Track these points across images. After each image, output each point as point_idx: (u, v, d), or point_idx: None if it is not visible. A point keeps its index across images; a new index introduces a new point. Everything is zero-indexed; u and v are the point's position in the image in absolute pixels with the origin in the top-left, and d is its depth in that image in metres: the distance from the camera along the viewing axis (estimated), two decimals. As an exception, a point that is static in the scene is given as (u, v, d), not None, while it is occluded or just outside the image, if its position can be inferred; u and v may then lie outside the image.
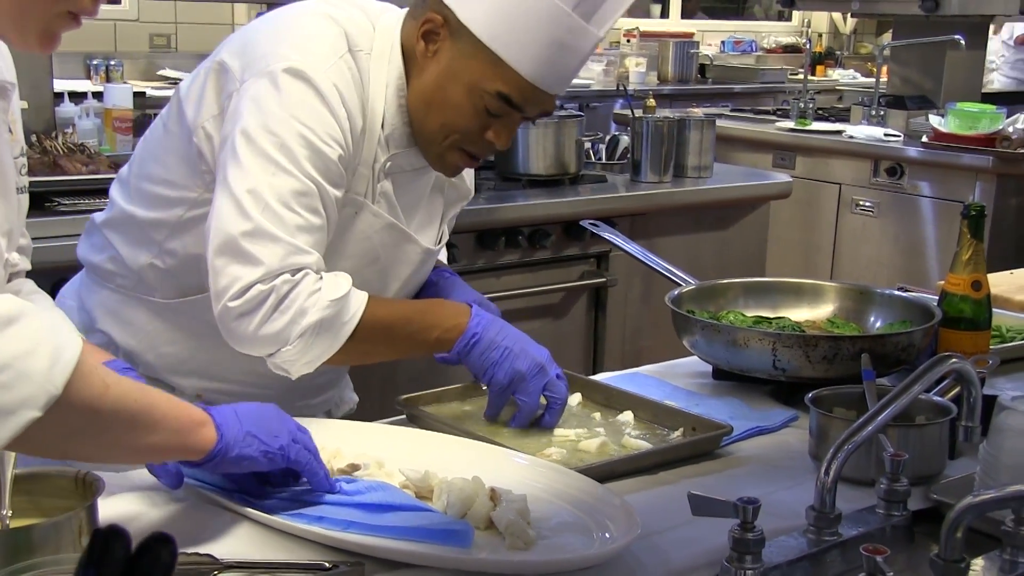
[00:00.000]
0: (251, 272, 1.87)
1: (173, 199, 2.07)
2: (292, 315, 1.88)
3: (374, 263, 2.11)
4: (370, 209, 2.07)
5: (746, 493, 1.47)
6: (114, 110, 4.00)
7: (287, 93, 1.91)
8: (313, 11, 2.03)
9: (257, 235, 1.87)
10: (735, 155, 5.95)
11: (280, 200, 1.89)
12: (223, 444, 1.54)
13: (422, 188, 2.19)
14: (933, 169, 5.42)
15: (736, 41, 10.65)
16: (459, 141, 2.05)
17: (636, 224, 4.12)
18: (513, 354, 2.02)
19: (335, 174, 1.96)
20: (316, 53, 1.96)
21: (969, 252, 2.20)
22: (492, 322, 2.06)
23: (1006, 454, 1.66)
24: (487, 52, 1.96)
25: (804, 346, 2.13)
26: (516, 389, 2.03)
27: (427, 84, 2.03)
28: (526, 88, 1.98)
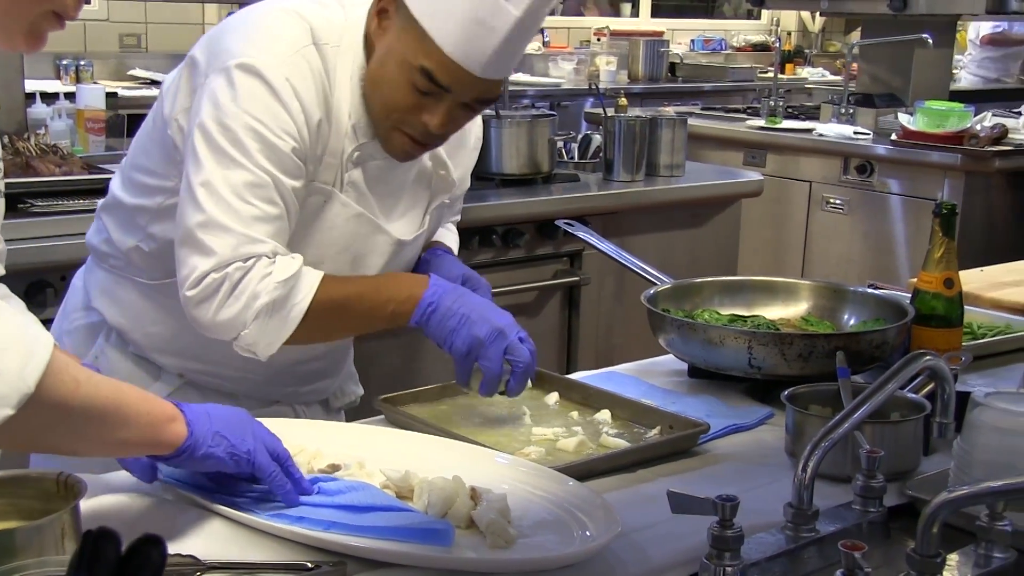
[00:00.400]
0: (205, 261, 1.95)
1: (154, 187, 2.14)
2: (245, 300, 1.95)
3: (344, 252, 2.14)
4: (339, 198, 2.10)
5: (724, 490, 1.48)
6: (87, 111, 3.99)
7: (240, 88, 1.97)
8: (280, 8, 2.08)
9: (210, 226, 1.95)
10: (706, 153, 5.98)
11: (234, 192, 1.95)
12: (192, 440, 1.56)
13: (400, 178, 2.20)
14: (902, 167, 5.46)
15: (706, 40, 10.68)
16: (399, 121, 2.06)
17: (609, 223, 4.14)
18: (471, 320, 2.03)
19: (290, 165, 2.00)
20: (272, 49, 2.00)
21: (941, 250, 2.22)
22: (450, 291, 2.07)
23: (980, 450, 1.67)
24: (417, 26, 1.97)
25: (779, 344, 2.14)
26: (477, 355, 2.03)
27: (374, 63, 2.06)
28: (449, 65, 1.97)
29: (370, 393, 2.17)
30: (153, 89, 6.49)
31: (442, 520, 1.61)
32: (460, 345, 2.03)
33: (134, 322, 2.25)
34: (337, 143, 2.08)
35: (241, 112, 1.96)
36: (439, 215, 2.34)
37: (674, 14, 11.13)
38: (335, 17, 2.08)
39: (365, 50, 2.08)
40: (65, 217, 3.13)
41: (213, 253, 1.94)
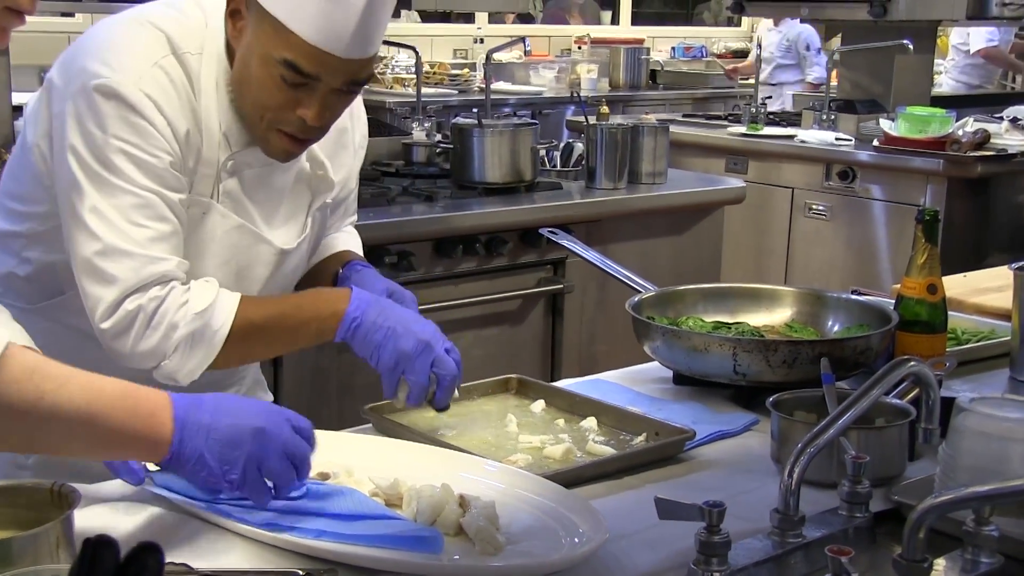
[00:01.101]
0: (109, 290, 1.90)
1: (24, 213, 2.08)
2: (164, 330, 1.92)
3: (226, 264, 2.07)
4: (217, 209, 2.05)
5: (710, 497, 1.49)
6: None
7: (102, 113, 1.91)
8: (132, 18, 2.00)
9: (108, 252, 1.90)
10: (688, 161, 6.00)
11: (123, 216, 1.91)
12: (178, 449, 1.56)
13: (279, 183, 2.14)
14: (884, 172, 5.48)
15: (686, 47, 10.72)
16: (274, 121, 1.98)
17: (592, 230, 4.15)
18: (396, 334, 1.99)
19: (170, 179, 1.95)
20: (126, 66, 1.92)
21: (924, 256, 2.23)
22: (372, 304, 2.03)
23: (964, 455, 1.69)
24: (270, 18, 1.90)
25: (764, 351, 2.16)
26: (404, 369, 1.98)
27: (237, 65, 1.99)
28: (311, 52, 1.90)
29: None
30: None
31: (431, 528, 1.62)
32: (387, 359, 1.99)
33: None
34: (210, 153, 2.02)
35: (110, 137, 1.90)
36: (322, 218, 2.26)
37: (654, 21, 11.19)
38: (194, 24, 2.01)
39: (228, 55, 2.01)
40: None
41: (116, 280, 1.90)
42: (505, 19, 10.20)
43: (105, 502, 1.69)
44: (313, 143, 2.09)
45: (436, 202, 3.96)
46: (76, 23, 6.96)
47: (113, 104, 1.90)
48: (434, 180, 4.26)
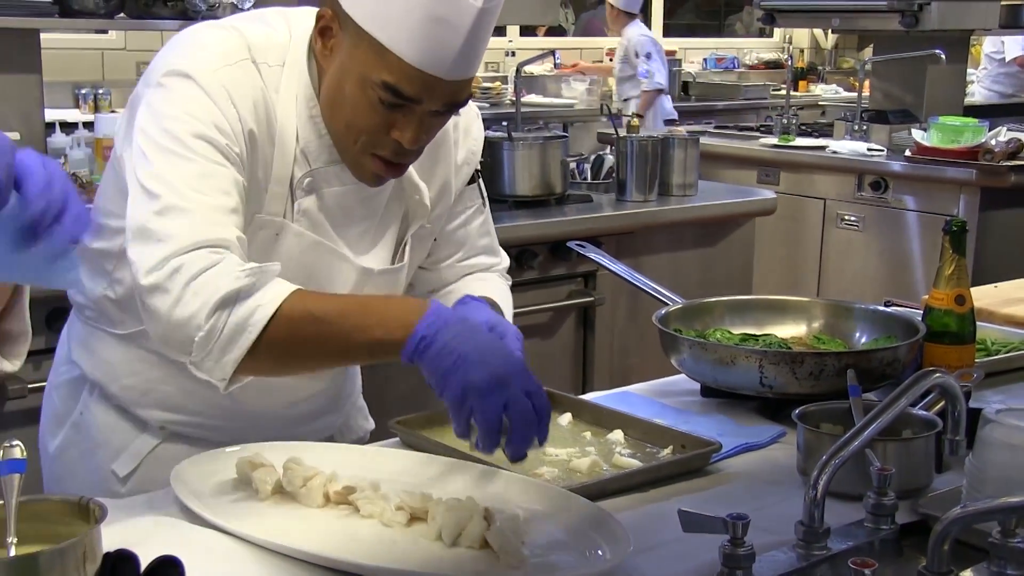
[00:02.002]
0: (161, 247, 1.77)
1: (114, 228, 1.99)
2: (207, 293, 1.75)
3: (307, 282, 1.89)
4: (291, 229, 1.97)
5: (735, 509, 1.49)
6: (105, 139, 4.01)
7: (172, 91, 1.87)
8: (216, 24, 1.98)
9: (166, 212, 1.79)
10: (719, 172, 5.99)
11: (185, 183, 1.81)
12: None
13: (366, 206, 2.05)
14: (917, 183, 5.47)
15: (718, 58, 10.72)
16: (368, 144, 1.91)
17: (622, 243, 4.15)
18: (468, 362, 1.70)
19: (233, 159, 1.86)
20: (203, 58, 1.89)
21: (952, 267, 2.23)
22: (451, 324, 1.75)
23: (991, 466, 1.68)
24: (369, 39, 1.82)
25: (790, 363, 2.15)
26: (472, 405, 1.70)
27: (328, 84, 1.92)
28: (413, 74, 1.82)
29: (385, 416, 2.17)
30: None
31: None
32: (453, 391, 1.71)
33: (110, 375, 2.13)
34: (283, 170, 1.94)
35: (179, 112, 1.85)
36: (421, 245, 2.15)
37: (686, 33, 11.18)
38: (278, 36, 1.96)
39: (313, 71, 1.96)
40: (83, 244, 3.15)
41: (170, 237, 1.77)
42: (536, 32, 10.21)
43: (132, 516, 1.71)
44: (406, 168, 1.99)
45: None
46: (110, 40, 7.02)
47: (185, 83, 1.86)
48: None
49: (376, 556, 1.61)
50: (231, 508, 1.72)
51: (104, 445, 2.14)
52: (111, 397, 2.14)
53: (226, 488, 1.81)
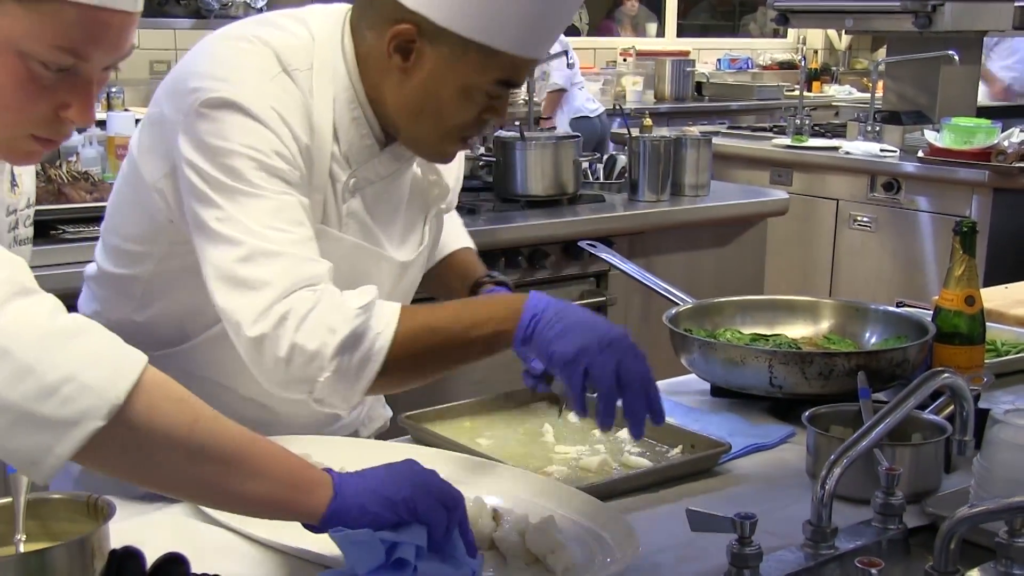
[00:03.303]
0: (260, 296, 1.73)
1: (141, 254, 2.00)
2: (321, 335, 1.72)
3: (347, 284, 1.85)
4: (331, 235, 1.94)
5: (744, 510, 1.49)
6: (117, 138, 4.02)
7: (222, 123, 1.80)
8: (237, 35, 1.92)
9: (251, 258, 1.75)
10: (732, 172, 5.99)
11: (259, 223, 1.78)
12: (338, 503, 1.46)
13: (399, 193, 2.08)
14: (930, 184, 5.46)
15: (732, 59, 10.72)
16: (461, 133, 1.96)
17: (634, 243, 4.15)
18: (578, 329, 1.76)
19: (297, 184, 1.84)
20: (241, 78, 1.84)
21: (962, 268, 2.23)
22: (552, 304, 1.80)
23: (999, 467, 1.68)
24: (476, 46, 1.85)
25: (800, 363, 2.16)
26: (588, 364, 1.73)
27: (414, 93, 1.90)
28: (520, 64, 1.90)
29: (396, 411, 2.18)
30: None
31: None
32: (564, 353, 1.74)
33: None
34: (322, 176, 1.92)
35: (231, 144, 1.79)
36: (438, 225, 2.21)
37: (700, 33, 11.17)
38: (299, 40, 1.93)
39: (353, 74, 1.94)
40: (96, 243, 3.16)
41: (266, 284, 1.74)
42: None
43: (140, 514, 1.71)
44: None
45: (479, 215, 3.97)
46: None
47: (230, 113, 1.80)
48: (477, 193, 4.27)
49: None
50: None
51: None
52: None
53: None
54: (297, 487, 1.45)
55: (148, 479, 1.40)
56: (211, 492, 1.43)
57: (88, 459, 1.33)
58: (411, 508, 1.46)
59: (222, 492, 1.42)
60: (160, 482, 1.41)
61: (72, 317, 1.33)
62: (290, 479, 1.44)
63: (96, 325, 1.36)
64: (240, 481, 1.41)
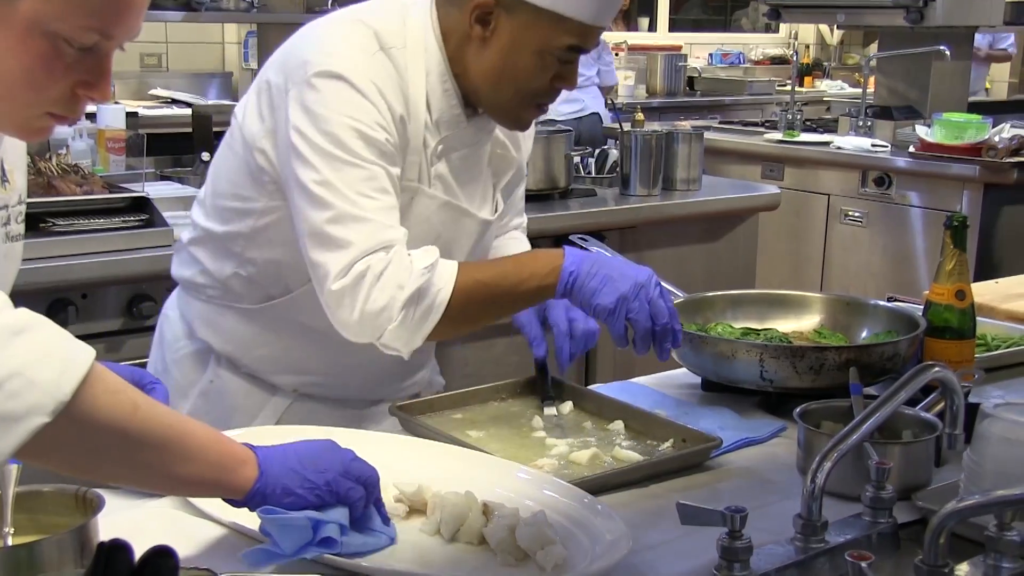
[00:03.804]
0: (343, 254, 1.98)
1: (243, 211, 2.20)
2: (392, 290, 1.97)
3: (436, 241, 2.15)
4: (425, 193, 2.17)
5: (735, 505, 1.49)
6: (107, 131, 4.01)
7: (327, 93, 2.02)
8: (342, 18, 2.14)
9: (341, 219, 1.99)
10: (724, 167, 5.99)
11: (352, 189, 2.00)
12: (262, 483, 1.53)
13: (479, 161, 2.28)
14: (921, 179, 5.46)
15: (724, 54, 10.70)
16: (536, 99, 2.16)
17: (626, 237, 4.15)
18: (612, 279, 2.04)
19: (390, 154, 2.06)
20: (347, 55, 2.05)
21: (952, 262, 2.23)
22: (587, 257, 2.08)
23: (989, 461, 1.68)
24: (548, 14, 2.05)
25: (791, 357, 2.15)
26: (628, 309, 2.03)
27: (492, 62, 2.11)
28: (589, 30, 2.08)
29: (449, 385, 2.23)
30: (174, 108, 6.54)
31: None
32: (606, 302, 2.03)
33: (241, 348, 2.31)
34: (417, 140, 2.13)
35: (335, 114, 2.01)
36: (507, 195, 2.42)
37: (692, 28, 11.16)
38: (395, 20, 2.13)
39: (443, 49, 2.14)
40: (86, 236, 3.16)
41: (350, 244, 1.98)
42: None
43: (130, 508, 1.71)
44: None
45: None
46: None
47: (337, 84, 2.03)
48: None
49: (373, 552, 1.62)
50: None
51: (239, 410, 2.32)
52: (242, 367, 2.33)
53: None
54: (224, 466, 1.51)
55: (89, 470, 1.43)
56: (148, 477, 1.48)
57: (31, 454, 1.34)
58: (333, 491, 1.57)
59: (159, 476, 1.48)
60: (101, 472, 1.45)
61: (19, 313, 1.34)
62: (218, 459, 1.51)
63: (44, 321, 1.37)
64: (174, 464, 1.46)
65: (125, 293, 3.23)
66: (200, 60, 7.58)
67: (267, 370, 2.33)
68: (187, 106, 6.03)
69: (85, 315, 3.15)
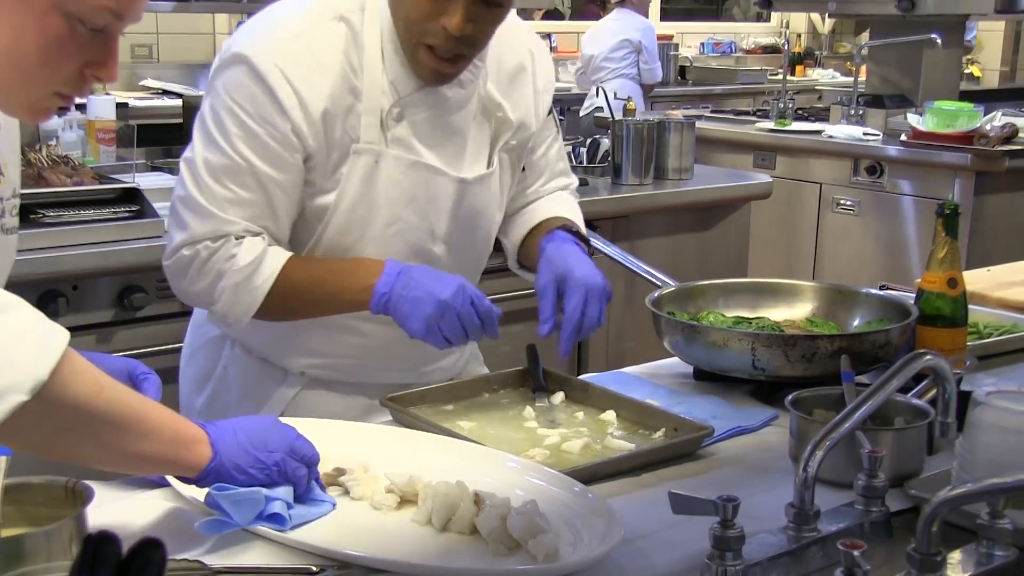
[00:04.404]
0: (179, 235, 2.11)
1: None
2: (211, 279, 2.10)
3: (411, 203, 2.20)
4: (389, 154, 2.16)
5: (727, 494, 1.49)
6: (97, 122, 4.01)
7: (229, 76, 2.08)
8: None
9: (188, 202, 2.10)
10: (716, 156, 5.99)
11: (210, 174, 2.08)
12: (217, 462, 1.60)
13: (458, 125, 2.24)
14: (912, 167, 5.46)
15: (716, 43, 10.70)
16: (420, 34, 2.07)
17: (618, 226, 4.15)
18: (420, 302, 2.06)
19: (272, 153, 2.08)
20: (266, 37, 2.08)
21: (944, 250, 2.23)
22: (401, 276, 2.09)
23: (981, 449, 1.68)
24: None
25: (783, 345, 2.15)
26: (440, 327, 2.06)
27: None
28: None
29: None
30: (164, 99, 6.53)
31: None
32: (417, 328, 2.07)
33: (250, 330, 2.28)
34: (373, 101, 2.13)
35: (227, 98, 2.07)
36: (513, 161, 2.37)
37: (683, 17, 11.15)
38: None
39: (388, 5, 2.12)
40: (76, 227, 3.16)
41: (187, 228, 2.09)
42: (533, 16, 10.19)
43: (119, 500, 1.71)
44: (462, 64, 2.15)
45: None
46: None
47: (239, 69, 2.07)
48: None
49: (364, 542, 1.62)
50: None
51: (249, 396, 2.35)
52: (253, 350, 2.36)
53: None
54: (179, 443, 1.58)
55: (53, 449, 1.47)
56: (109, 455, 1.52)
57: (10, 437, 1.39)
58: (282, 472, 1.66)
59: (119, 454, 1.52)
60: (64, 451, 1.48)
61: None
62: (173, 436, 1.57)
63: (20, 302, 1.41)
64: (134, 442, 1.52)
65: (116, 284, 3.22)
66: (191, 51, 7.55)
67: (276, 352, 2.33)
68: (178, 97, 6.02)
69: (76, 306, 3.14)
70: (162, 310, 3.30)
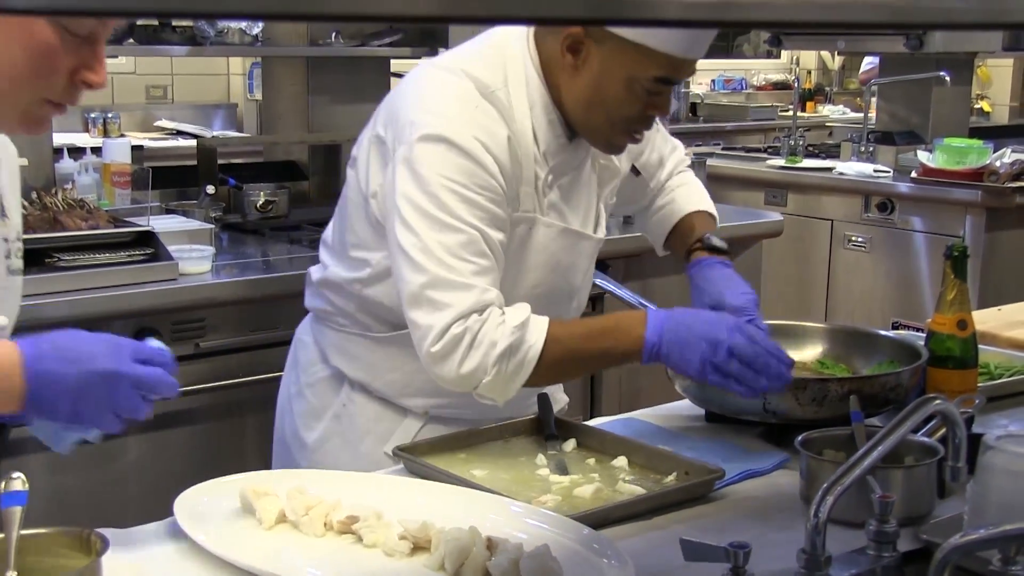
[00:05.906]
0: (442, 316, 2.07)
1: (363, 260, 2.30)
2: (485, 348, 2.06)
3: (556, 268, 2.30)
4: (542, 222, 2.25)
5: (738, 537, 1.50)
6: (112, 165, 4.02)
7: (431, 156, 2.10)
8: (440, 67, 2.23)
9: (439, 284, 2.07)
10: (727, 194, 5.99)
11: (450, 252, 2.08)
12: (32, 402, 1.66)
13: (584, 179, 2.35)
14: (923, 204, 5.46)
15: (726, 79, 10.72)
16: (629, 127, 2.22)
17: (631, 266, 4.15)
18: (691, 346, 2.09)
19: (494, 217, 2.13)
20: (448, 112, 2.13)
21: (953, 292, 2.24)
22: (666, 322, 2.13)
23: (993, 492, 1.68)
24: (635, 46, 2.09)
25: (793, 389, 2.15)
26: (718, 368, 2.08)
27: (583, 89, 2.17)
28: (679, 63, 2.13)
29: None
30: (179, 140, 6.56)
31: None
32: (695, 372, 2.10)
33: (372, 373, 2.37)
34: (529, 173, 2.20)
35: (439, 177, 2.08)
36: (609, 200, 2.46)
37: (694, 54, 11.14)
38: (492, 60, 2.21)
39: (543, 81, 2.20)
40: (91, 271, 3.17)
41: (448, 307, 2.07)
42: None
43: (133, 549, 1.71)
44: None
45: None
46: (120, 64, 7.02)
47: (442, 147, 2.10)
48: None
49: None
50: (233, 538, 1.73)
51: (371, 432, 2.40)
52: (374, 391, 2.40)
53: (229, 517, 1.82)
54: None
55: None
56: None
57: None
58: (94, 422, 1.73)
59: None
60: None
61: None
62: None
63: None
64: None
65: (131, 327, 3.23)
66: (205, 92, 7.61)
67: (398, 394, 2.38)
68: (192, 137, 6.06)
69: (90, 350, 3.15)
70: (176, 352, 3.30)
